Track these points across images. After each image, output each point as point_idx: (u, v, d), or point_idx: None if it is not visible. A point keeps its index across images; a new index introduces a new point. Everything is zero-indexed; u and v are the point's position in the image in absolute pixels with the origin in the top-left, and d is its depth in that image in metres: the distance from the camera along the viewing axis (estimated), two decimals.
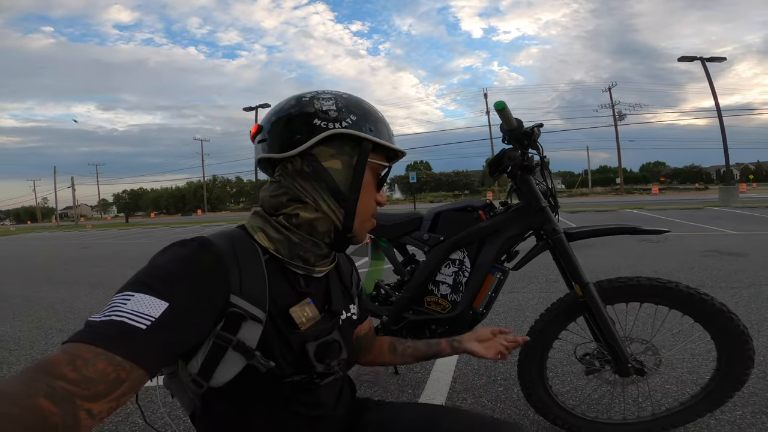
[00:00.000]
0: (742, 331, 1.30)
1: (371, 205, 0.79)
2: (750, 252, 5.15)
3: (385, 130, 0.78)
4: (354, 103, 0.76)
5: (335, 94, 0.76)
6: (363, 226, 0.79)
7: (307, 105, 0.73)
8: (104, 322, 0.51)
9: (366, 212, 0.78)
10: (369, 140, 0.74)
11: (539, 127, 1.42)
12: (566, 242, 1.41)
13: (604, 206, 17.95)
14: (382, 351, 1.03)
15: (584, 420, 1.49)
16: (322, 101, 0.74)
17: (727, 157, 17.62)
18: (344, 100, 0.75)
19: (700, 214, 11.40)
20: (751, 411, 1.61)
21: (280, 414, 0.74)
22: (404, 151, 0.81)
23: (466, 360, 2.29)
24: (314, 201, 0.73)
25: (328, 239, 0.76)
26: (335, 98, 0.75)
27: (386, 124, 0.79)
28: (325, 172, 0.73)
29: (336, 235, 0.76)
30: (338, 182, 0.74)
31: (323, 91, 0.77)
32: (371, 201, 0.78)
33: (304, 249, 0.74)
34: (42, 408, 0.40)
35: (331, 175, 0.73)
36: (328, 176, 0.73)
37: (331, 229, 0.76)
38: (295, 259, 0.73)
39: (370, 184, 0.77)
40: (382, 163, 0.78)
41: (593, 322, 1.42)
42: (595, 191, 47.44)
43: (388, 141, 0.77)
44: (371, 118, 0.76)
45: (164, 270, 0.60)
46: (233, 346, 0.64)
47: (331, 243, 0.77)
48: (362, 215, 0.77)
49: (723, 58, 18.90)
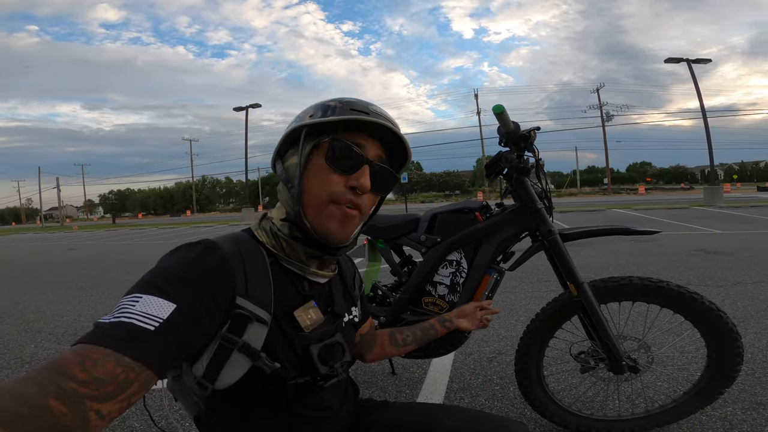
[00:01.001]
0: (731, 329, 1.33)
1: (325, 187, 0.70)
2: (735, 251, 5.26)
3: (344, 109, 0.71)
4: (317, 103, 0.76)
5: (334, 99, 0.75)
6: (321, 211, 0.70)
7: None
8: (113, 323, 0.51)
9: (320, 196, 0.70)
10: (303, 125, 0.72)
11: (536, 131, 1.44)
12: (561, 243, 1.43)
13: (593, 206, 18.19)
14: (384, 345, 1.05)
15: (580, 417, 1.52)
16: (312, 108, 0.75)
17: (712, 157, 17.98)
18: (329, 103, 0.74)
19: (686, 214, 11.62)
20: (741, 407, 1.65)
21: (284, 416, 0.75)
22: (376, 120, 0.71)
23: (462, 360, 2.31)
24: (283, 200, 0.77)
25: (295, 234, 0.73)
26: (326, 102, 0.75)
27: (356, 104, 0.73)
28: (284, 171, 0.75)
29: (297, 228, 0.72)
30: (292, 175, 0.74)
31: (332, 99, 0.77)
32: (325, 182, 0.70)
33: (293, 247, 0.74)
34: (52, 409, 0.41)
35: (288, 172, 0.75)
36: (284, 173, 0.75)
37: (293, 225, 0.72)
38: (289, 257, 0.74)
39: (321, 167, 0.71)
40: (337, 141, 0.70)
41: (588, 321, 1.44)
42: (584, 191, 48.10)
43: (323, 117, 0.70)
44: (323, 105, 0.74)
45: (171, 272, 0.60)
46: (239, 348, 0.64)
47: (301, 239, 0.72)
48: (315, 199, 0.70)
49: (708, 60, 19.27)
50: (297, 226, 0.72)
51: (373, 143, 0.74)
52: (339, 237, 0.72)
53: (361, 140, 0.73)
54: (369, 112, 0.72)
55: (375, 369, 2.25)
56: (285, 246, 0.74)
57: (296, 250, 0.74)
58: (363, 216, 0.75)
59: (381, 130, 0.73)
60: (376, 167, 0.73)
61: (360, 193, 0.71)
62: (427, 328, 1.06)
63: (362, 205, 0.72)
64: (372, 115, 0.71)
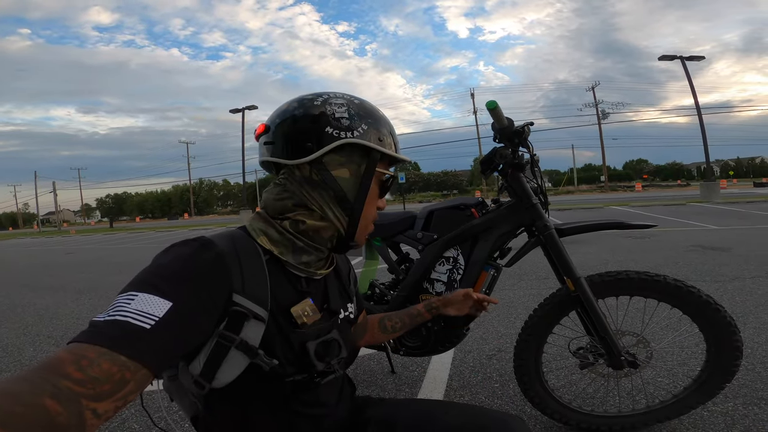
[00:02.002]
0: (729, 323, 1.33)
1: (373, 212, 0.80)
2: (732, 246, 5.28)
3: (393, 139, 0.79)
4: (366, 111, 0.76)
5: (348, 100, 0.75)
6: (364, 232, 0.80)
7: (319, 111, 0.73)
8: (108, 321, 0.51)
9: (368, 219, 0.79)
10: (378, 151, 0.74)
11: (529, 126, 1.44)
12: (557, 238, 1.43)
13: (590, 203, 18.24)
14: (374, 332, 1.06)
15: (581, 414, 1.51)
16: (335, 107, 0.73)
17: (707, 154, 18.01)
18: (356, 107, 0.75)
19: (682, 210, 11.65)
20: (743, 402, 1.65)
21: (282, 413, 0.74)
22: (410, 160, 0.83)
23: (461, 357, 2.30)
24: (320, 209, 0.74)
25: (330, 245, 0.77)
26: (348, 104, 0.74)
27: (394, 133, 0.80)
28: (334, 181, 0.73)
29: (338, 241, 0.78)
30: (345, 191, 0.74)
31: (335, 95, 0.76)
32: (374, 208, 0.79)
33: (308, 253, 0.74)
34: (48, 408, 0.40)
35: (339, 184, 0.73)
36: (336, 185, 0.73)
37: (334, 236, 0.77)
38: (296, 261, 0.73)
39: (374, 192, 0.78)
40: (386, 172, 0.79)
41: (586, 316, 1.44)
42: (581, 189, 48.25)
43: (395, 151, 0.78)
44: (382, 128, 0.76)
45: (167, 269, 0.60)
46: (236, 345, 0.63)
47: (332, 247, 0.79)
48: (364, 222, 0.78)
49: (702, 57, 19.30)
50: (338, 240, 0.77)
51: None
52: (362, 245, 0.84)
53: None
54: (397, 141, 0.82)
55: (374, 368, 2.24)
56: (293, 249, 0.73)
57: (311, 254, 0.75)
58: None
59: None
60: None
61: None
62: (415, 315, 1.09)
63: None
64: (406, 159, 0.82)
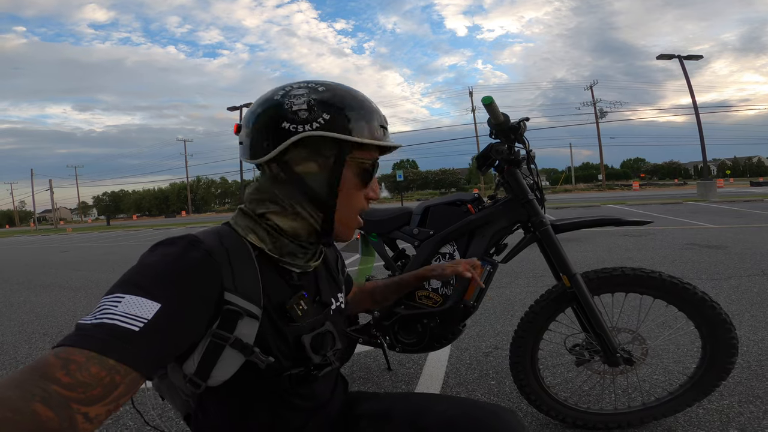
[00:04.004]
0: (724, 320, 1.33)
1: (355, 204, 0.74)
2: (729, 245, 5.29)
3: (368, 124, 0.70)
4: (333, 97, 0.69)
5: (311, 88, 0.69)
6: (347, 226, 0.75)
7: (276, 105, 0.68)
8: (95, 324, 0.49)
9: (349, 212, 0.74)
10: (345, 141, 0.68)
11: (525, 121, 1.44)
12: (553, 234, 1.43)
13: (588, 202, 18.27)
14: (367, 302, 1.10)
15: (577, 411, 1.51)
16: (294, 99, 0.67)
17: (705, 153, 18.07)
18: (319, 95, 0.68)
19: (679, 209, 11.68)
20: (738, 400, 1.65)
21: (278, 408, 0.74)
22: (395, 145, 0.75)
23: (458, 355, 2.30)
24: (291, 206, 0.71)
25: (313, 239, 0.75)
26: (309, 94, 0.68)
27: (373, 115, 0.72)
28: (300, 178, 0.70)
29: (319, 236, 0.75)
30: (314, 187, 0.70)
31: (298, 85, 0.70)
32: (355, 199, 0.74)
33: (294, 250, 0.73)
34: (38, 413, 0.40)
35: (306, 181, 0.70)
36: (302, 182, 0.70)
37: (312, 232, 0.74)
38: (287, 257, 0.72)
39: (353, 182, 0.72)
40: (365, 160, 0.72)
41: (581, 313, 1.44)
42: (578, 187, 48.35)
43: (369, 137, 0.70)
44: (351, 113, 0.69)
45: (154, 270, 0.58)
46: (231, 344, 0.62)
47: (316, 243, 0.76)
48: (344, 216, 0.73)
49: (700, 56, 19.32)
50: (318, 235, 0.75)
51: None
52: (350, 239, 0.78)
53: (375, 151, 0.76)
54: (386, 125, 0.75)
55: (371, 365, 2.24)
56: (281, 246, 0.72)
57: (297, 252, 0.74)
58: None
59: None
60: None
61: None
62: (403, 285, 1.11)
63: None
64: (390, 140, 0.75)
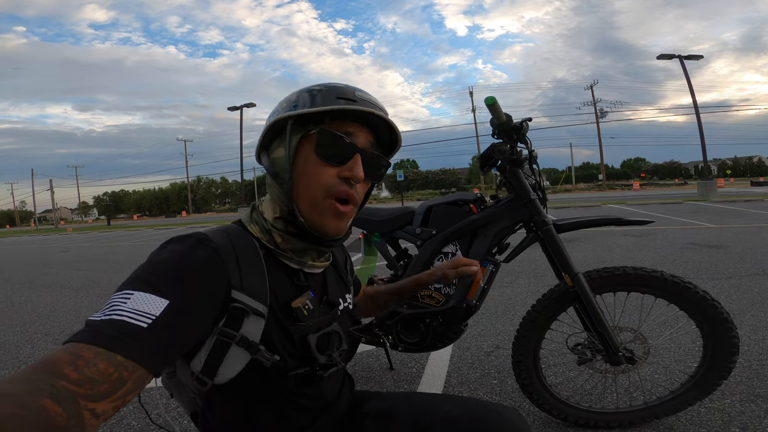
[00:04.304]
0: (725, 319, 1.33)
1: (319, 181, 0.69)
2: (729, 244, 5.29)
3: (325, 97, 0.69)
4: (313, 87, 0.72)
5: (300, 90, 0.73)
6: (314, 207, 0.70)
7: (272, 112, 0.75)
8: (105, 321, 0.50)
9: (312, 192, 0.69)
10: (288, 117, 0.69)
11: (527, 122, 1.44)
12: (555, 233, 1.43)
13: (588, 202, 18.26)
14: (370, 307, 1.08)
15: (579, 410, 1.52)
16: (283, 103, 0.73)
17: (705, 153, 18.05)
18: (296, 92, 0.73)
19: (680, 209, 11.68)
20: (740, 399, 1.66)
21: (283, 408, 0.74)
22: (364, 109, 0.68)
23: (460, 354, 2.31)
24: (270, 193, 0.75)
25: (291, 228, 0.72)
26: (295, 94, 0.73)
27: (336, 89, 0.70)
28: (272, 164, 0.73)
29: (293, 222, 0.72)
30: (278, 169, 0.72)
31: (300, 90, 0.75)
32: (319, 177, 0.69)
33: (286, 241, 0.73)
34: (46, 409, 0.40)
35: (274, 166, 0.73)
36: (273, 167, 0.73)
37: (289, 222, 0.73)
38: (288, 252, 0.73)
39: (312, 160, 0.69)
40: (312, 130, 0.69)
41: (583, 312, 1.44)
42: (579, 187, 48.36)
43: (309, 107, 0.68)
44: (315, 92, 0.70)
45: (163, 267, 0.59)
46: (237, 342, 0.63)
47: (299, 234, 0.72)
48: (307, 195, 0.70)
49: (700, 56, 19.29)
50: (291, 223, 0.72)
51: (361, 129, 0.72)
52: (335, 230, 0.72)
53: (351, 128, 0.71)
54: (356, 99, 0.70)
55: (373, 365, 2.24)
56: (280, 241, 0.73)
57: (291, 243, 0.73)
58: (357, 206, 0.75)
59: (368, 115, 0.71)
60: (368, 155, 0.72)
61: (354, 184, 0.70)
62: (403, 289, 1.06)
63: (356, 196, 0.72)
64: (359, 103, 0.69)
